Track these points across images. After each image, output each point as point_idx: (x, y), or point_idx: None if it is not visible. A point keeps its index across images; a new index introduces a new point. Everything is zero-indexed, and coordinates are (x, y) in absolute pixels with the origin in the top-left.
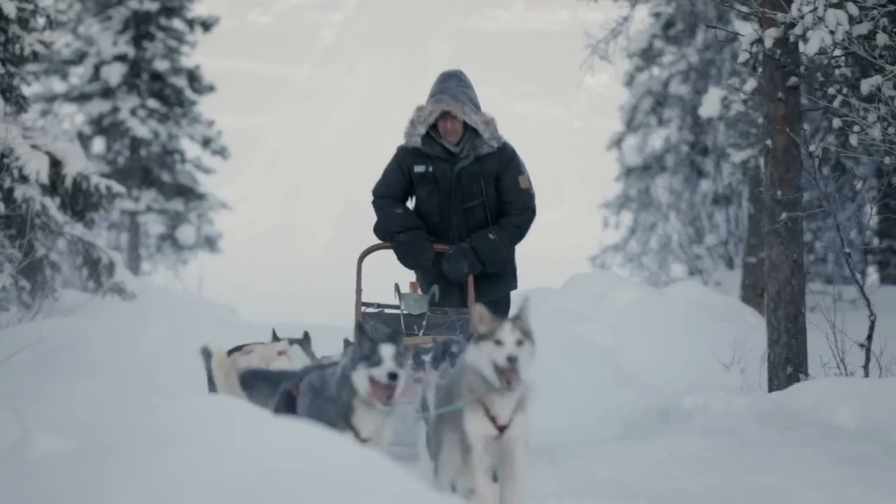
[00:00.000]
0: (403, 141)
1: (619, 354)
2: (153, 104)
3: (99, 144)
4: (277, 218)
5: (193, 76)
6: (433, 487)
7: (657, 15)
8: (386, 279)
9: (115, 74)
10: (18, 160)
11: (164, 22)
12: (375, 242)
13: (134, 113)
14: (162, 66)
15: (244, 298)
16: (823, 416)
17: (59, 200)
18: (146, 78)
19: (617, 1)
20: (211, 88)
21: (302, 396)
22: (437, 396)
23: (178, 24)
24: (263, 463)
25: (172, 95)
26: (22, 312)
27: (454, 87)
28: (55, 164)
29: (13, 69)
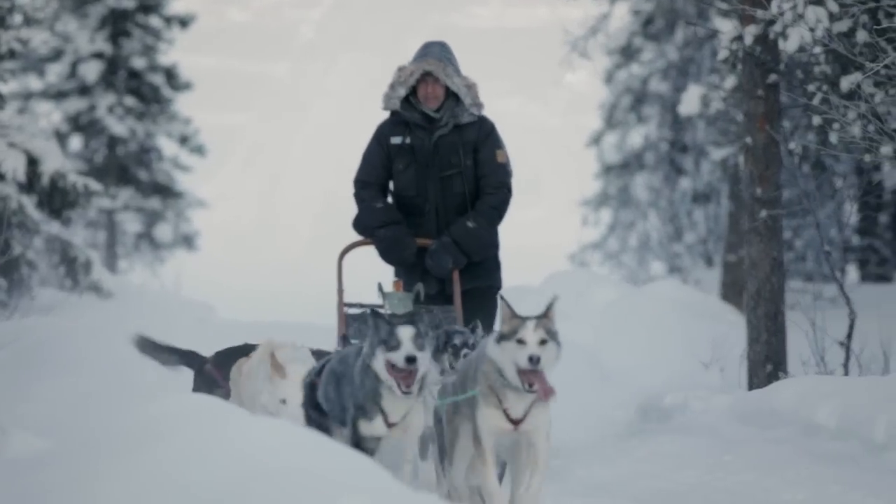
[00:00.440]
0: (382, 105)
1: (598, 353)
2: (130, 102)
3: (76, 142)
4: (256, 216)
5: (171, 74)
6: (447, 481)
7: (637, 12)
8: (368, 277)
9: (92, 72)
10: None
11: (141, 19)
12: (355, 239)
13: (111, 111)
14: (139, 63)
15: (223, 297)
16: (803, 414)
17: (36, 198)
18: (123, 75)
19: None
20: (188, 86)
21: (324, 383)
22: (450, 387)
23: (155, 21)
24: (242, 462)
25: (150, 93)
26: None
27: (437, 51)
28: (32, 161)
29: None
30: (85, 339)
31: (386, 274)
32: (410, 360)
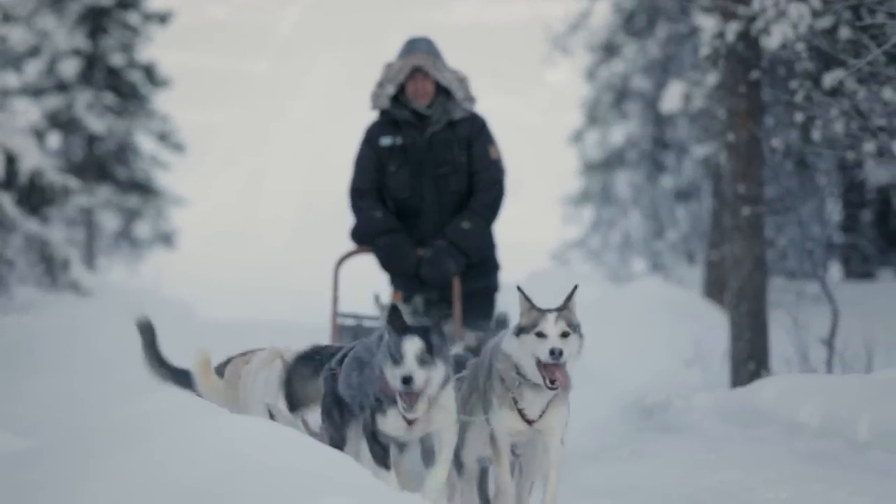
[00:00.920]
0: (370, 104)
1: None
2: (109, 99)
3: (55, 139)
4: (235, 214)
5: (150, 71)
6: (459, 482)
7: (618, 8)
8: (364, 287)
9: (70, 69)
10: None
11: (119, 16)
12: (353, 248)
13: (90, 108)
14: (118, 60)
15: (203, 295)
16: (786, 412)
17: (14, 196)
18: (102, 72)
19: None
20: (167, 83)
21: (344, 372)
22: (462, 385)
23: (134, 17)
24: (226, 460)
25: (128, 90)
26: None
27: (424, 46)
28: (10, 159)
29: None
30: (64, 337)
31: (381, 283)
32: (407, 380)
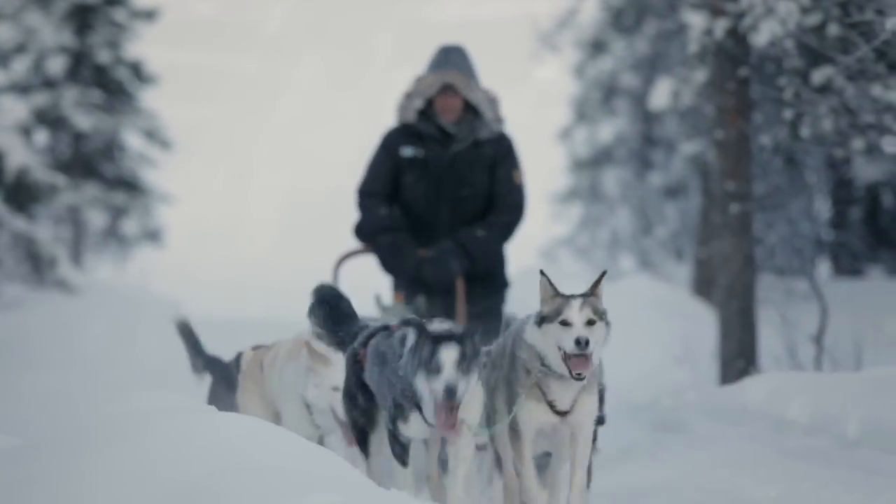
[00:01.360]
0: (396, 116)
1: None
2: (96, 96)
3: (41, 137)
4: (223, 211)
5: (137, 68)
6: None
7: (606, 5)
8: (364, 288)
9: (57, 66)
10: None
11: (106, 12)
12: (354, 246)
13: (77, 105)
14: (105, 57)
15: (190, 292)
16: (775, 410)
17: (1, 193)
18: (89, 69)
19: None
20: (154, 80)
21: (369, 364)
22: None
23: (121, 14)
24: (213, 458)
25: (116, 87)
26: None
27: (458, 59)
28: None
29: None
30: (51, 335)
31: (382, 284)
32: (450, 392)
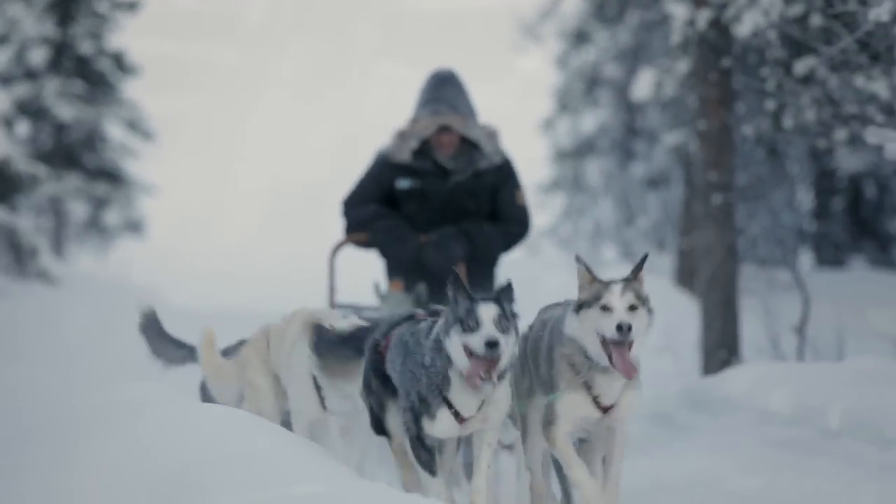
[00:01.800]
0: (388, 153)
1: None
2: (78, 87)
3: (23, 127)
4: (205, 202)
5: (119, 58)
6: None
7: None
8: (360, 276)
9: (39, 57)
10: None
11: (88, 3)
12: (349, 236)
13: (59, 95)
14: (87, 48)
15: (172, 283)
16: (757, 401)
17: None
18: (71, 60)
19: None
20: (136, 71)
21: (391, 354)
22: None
23: (103, 5)
24: (195, 449)
25: (98, 78)
26: None
27: (452, 95)
28: None
29: None
30: (32, 326)
31: (379, 272)
32: (492, 344)
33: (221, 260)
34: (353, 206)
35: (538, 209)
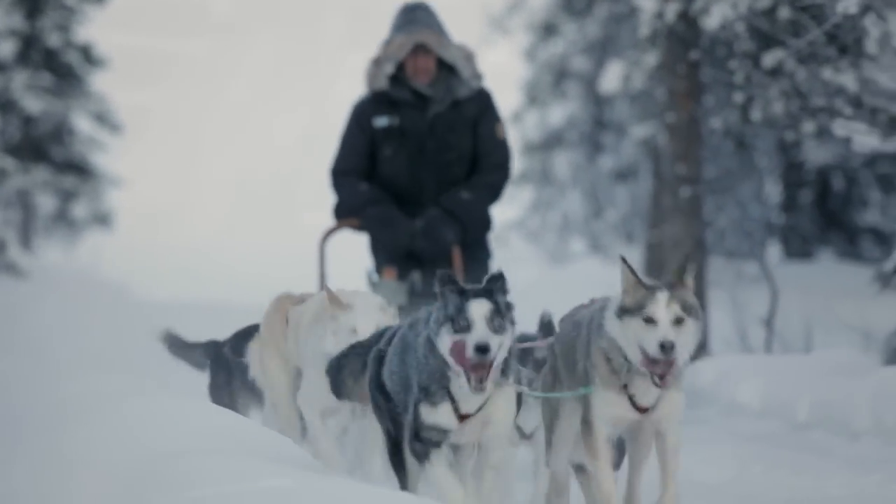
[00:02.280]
0: (366, 84)
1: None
2: (46, 79)
3: None
4: (172, 194)
5: (87, 51)
6: (546, 466)
7: None
8: (351, 264)
9: (7, 49)
10: None
11: None
12: (340, 222)
13: (27, 88)
14: (55, 40)
15: (139, 276)
16: (726, 393)
17: None
18: (39, 53)
19: None
20: (104, 63)
21: (391, 354)
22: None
23: None
24: (163, 441)
25: (65, 70)
26: None
27: (426, 17)
28: None
29: None
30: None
31: (370, 260)
32: (481, 349)
33: (189, 252)
34: (341, 174)
35: (506, 202)
